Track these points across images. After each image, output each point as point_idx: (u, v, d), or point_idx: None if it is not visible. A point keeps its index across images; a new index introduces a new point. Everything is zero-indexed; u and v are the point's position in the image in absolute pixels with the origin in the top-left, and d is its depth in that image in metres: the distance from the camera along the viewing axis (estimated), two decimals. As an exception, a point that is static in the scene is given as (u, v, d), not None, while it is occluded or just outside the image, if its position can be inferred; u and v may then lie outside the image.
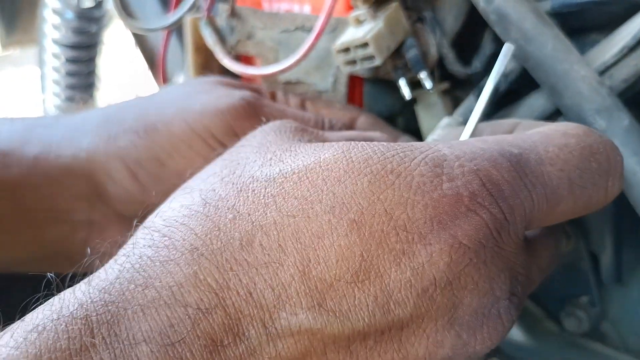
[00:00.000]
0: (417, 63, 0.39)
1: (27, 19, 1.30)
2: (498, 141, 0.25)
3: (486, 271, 0.22)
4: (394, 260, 0.21)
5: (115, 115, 0.39)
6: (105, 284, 0.21)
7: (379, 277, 0.20)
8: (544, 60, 0.37)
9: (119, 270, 0.22)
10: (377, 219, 0.21)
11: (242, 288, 0.20)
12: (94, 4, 1.08)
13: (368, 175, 0.22)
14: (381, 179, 0.22)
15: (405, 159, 0.22)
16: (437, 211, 0.21)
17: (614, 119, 0.36)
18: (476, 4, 0.39)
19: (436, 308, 0.21)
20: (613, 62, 0.38)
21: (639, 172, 0.36)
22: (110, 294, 0.20)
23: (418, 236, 0.21)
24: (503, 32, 0.38)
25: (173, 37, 0.66)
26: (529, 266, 0.26)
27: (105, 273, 0.22)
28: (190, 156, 0.36)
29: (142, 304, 0.20)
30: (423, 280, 0.21)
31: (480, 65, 0.45)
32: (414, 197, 0.21)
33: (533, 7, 0.38)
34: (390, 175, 0.22)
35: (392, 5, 0.40)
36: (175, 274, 0.21)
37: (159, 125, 0.36)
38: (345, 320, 0.20)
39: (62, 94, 1.20)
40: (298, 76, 0.47)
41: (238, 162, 0.25)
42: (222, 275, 0.21)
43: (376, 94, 0.46)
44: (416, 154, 0.23)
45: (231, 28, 0.50)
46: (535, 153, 0.25)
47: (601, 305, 0.45)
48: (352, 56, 0.39)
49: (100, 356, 0.19)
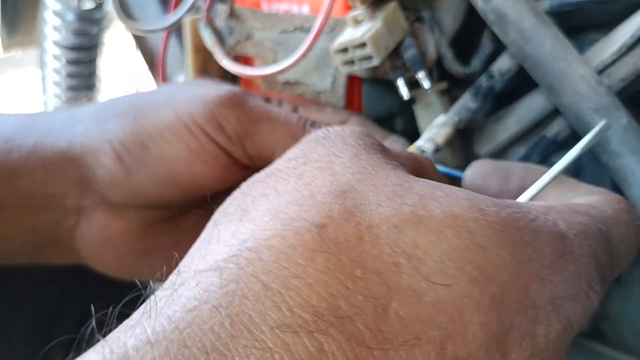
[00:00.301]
0: (415, 63, 0.40)
1: (28, 21, 1.31)
2: (590, 215, 0.25)
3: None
4: (520, 338, 0.20)
5: (110, 103, 0.40)
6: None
7: (504, 356, 0.20)
8: (542, 59, 0.37)
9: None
10: (515, 295, 0.20)
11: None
12: (94, 6, 1.09)
13: (510, 247, 0.20)
14: (522, 252, 0.20)
15: (536, 231, 0.22)
16: (561, 292, 0.21)
17: (612, 117, 0.36)
18: (474, 3, 0.39)
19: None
20: (612, 61, 0.38)
21: (637, 172, 0.36)
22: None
23: (543, 316, 0.21)
24: (501, 32, 0.38)
25: (172, 38, 0.66)
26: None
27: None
28: (173, 141, 0.37)
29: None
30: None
31: (479, 64, 0.45)
32: (544, 276, 0.21)
33: (531, 6, 0.37)
34: (528, 249, 0.21)
35: (390, 5, 0.40)
36: (296, 348, 0.16)
37: (147, 111, 0.37)
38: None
39: (63, 96, 1.20)
40: (297, 76, 0.47)
41: (344, 191, 0.20)
42: (353, 351, 0.17)
43: (375, 94, 0.46)
44: (544, 226, 0.22)
45: (230, 29, 0.50)
46: (615, 232, 0.26)
47: (601, 305, 0.45)
48: (350, 56, 0.39)
49: None
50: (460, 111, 0.42)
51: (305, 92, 0.47)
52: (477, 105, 0.42)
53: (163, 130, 0.37)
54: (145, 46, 0.90)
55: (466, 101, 0.42)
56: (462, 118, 0.42)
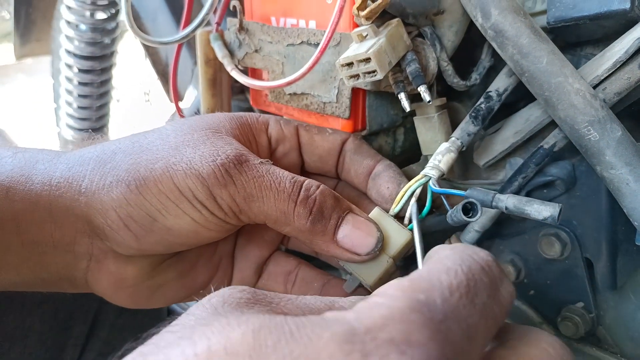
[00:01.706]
0: (417, 77, 0.41)
1: (41, 30, 1.33)
2: (405, 292, 0.24)
3: None
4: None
5: (110, 160, 0.40)
6: None
7: None
8: (539, 73, 0.38)
9: None
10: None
11: None
12: (107, 16, 1.11)
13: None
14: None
15: (313, 339, 0.21)
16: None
17: (607, 130, 0.37)
18: (475, 20, 0.41)
19: None
20: (606, 76, 0.39)
21: (631, 182, 0.37)
22: None
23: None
24: (500, 47, 0.40)
25: (183, 49, 0.68)
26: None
27: None
28: (178, 215, 0.39)
29: None
30: None
31: (478, 78, 0.47)
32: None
33: (529, 23, 0.39)
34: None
35: (394, 22, 0.41)
36: None
37: (149, 181, 0.38)
38: None
39: (75, 103, 1.22)
40: (303, 88, 0.48)
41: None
42: None
43: (378, 106, 0.48)
44: (324, 332, 0.21)
45: (239, 42, 0.52)
46: (439, 292, 0.24)
47: (597, 311, 0.46)
48: (355, 70, 0.41)
49: None
50: (462, 135, 0.43)
51: (311, 103, 0.48)
52: (478, 127, 0.43)
53: (167, 203, 0.38)
54: (156, 56, 0.92)
55: (467, 125, 0.43)
56: (464, 141, 0.43)
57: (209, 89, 0.57)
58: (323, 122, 0.49)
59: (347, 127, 0.47)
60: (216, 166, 0.38)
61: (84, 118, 1.24)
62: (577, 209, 0.44)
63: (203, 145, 0.40)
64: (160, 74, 0.93)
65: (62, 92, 1.25)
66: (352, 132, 0.47)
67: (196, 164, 0.38)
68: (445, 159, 0.42)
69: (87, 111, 1.23)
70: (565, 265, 0.46)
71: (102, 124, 1.31)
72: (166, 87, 0.93)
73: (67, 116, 1.27)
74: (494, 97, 0.44)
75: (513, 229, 0.48)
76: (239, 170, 0.39)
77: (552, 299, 0.47)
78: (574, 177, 0.43)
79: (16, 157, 0.41)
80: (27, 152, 0.42)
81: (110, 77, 1.24)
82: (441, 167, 0.42)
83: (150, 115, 1.50)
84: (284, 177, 0.39)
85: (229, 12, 0.53)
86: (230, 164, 0.38)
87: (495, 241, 0.50)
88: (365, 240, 0.39)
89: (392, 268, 0.41)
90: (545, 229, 0.46)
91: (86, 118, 1.25)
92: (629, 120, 0.43)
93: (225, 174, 0.38)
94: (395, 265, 0.41)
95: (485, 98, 0.44)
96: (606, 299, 0.46)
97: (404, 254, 0.42)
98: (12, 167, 0.40)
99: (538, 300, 0.49)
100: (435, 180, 0.41)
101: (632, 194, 0.37)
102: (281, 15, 0.49)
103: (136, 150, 0.40)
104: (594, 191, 0.43)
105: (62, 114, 1.29)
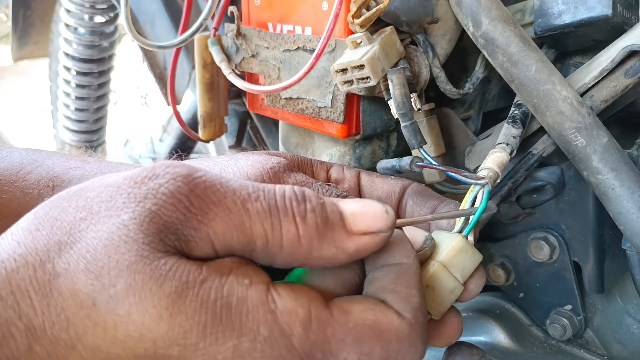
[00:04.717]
0: (408, 84, 0.42)
1: (39, 33, 1.34)
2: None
3: None
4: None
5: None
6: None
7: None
8: (528, 81, 0.39)
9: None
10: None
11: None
12: (105, 20, 1.12)
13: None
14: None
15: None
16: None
17: (593, 136, 0.38)
18: (466, 28, 0.42)
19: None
20: (593, 84, 0.41)
21: (617, 187, 0.38)
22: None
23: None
24: (490, 55, 0.41)
25: (181, 54, 0.69)
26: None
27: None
28: None
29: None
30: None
31: (472, 87, 0.48)
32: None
33: (519, 32, 0.40)
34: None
35: (387, 29, 0.42)
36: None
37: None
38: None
39: (72, 106, 1.23)
40: (299, 93, 0.49)
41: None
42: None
43: (372, 111, 0.48)
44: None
45: (237, 47, 0.53)
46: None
47: (585, 313, 0.47)
48: (349, 76, 0.42)
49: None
50: (508, 139, 0.42)
51: (306, 107, 0.49)
52: (520, 130, 0.42)
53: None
54: (154, 60, 0.93)
55: (508, 130, 0.42)
56: (511, 143, 0.41)
57: (206, 93, 0.58)
58: (318, 126, 0.50)
59: (341, 132, 0.48)
60: (265, 170, 0.38)
61: (81, 120, 1.25)
62: (566, 214, 0.45)
63: (258, 155, 0.40)
64: (157, 78, 0.94)
65: (59, 95, 1.25)
66: (346, 136, 0.48)
67: (245, 168, 0.38)
68: (494, 159, 0.39)
69: (84, 113, 1.24)
70: (553, 268, 0.47)
71: (99, 127, 1.31)
72: (164, 90, 0.94)
73: (64, 118, 1.28)
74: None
75: (503, 232, 0.49)
76: (287, 175, 0.39)
77: (541, 301, 0.48)
78: (562, 182, 0.44)
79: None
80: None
81: (108, 80, 1.24)
82: (494, 168, 0.39)
83: (147, 118, 1.51)
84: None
85: (227, 18, 0.54)
86: (281, 168, 0.39)
87: (486, 244, 0.50)
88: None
89: (444, 274, 0.34)
90: (535, 233, 0.47)
91: (83, 120, 1.25)
92: (616, 127, 0.44)
93: (273, 176, 0.38)
94: (450, 273, 0.34)
95: (516, 105, 0.44)
96: (594, 302, 0.47)
97: (464, 266, 0.35)
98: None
99: (527, 302, 0.50)
100: (490, 184, 0.37)
101: (618, 199, 0.38)
102: (278, 21, 0.50)
103: (204, 160, 0.41)
104: (581, 196, 0.44)
105: (60, 116, 1.29)
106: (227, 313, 0.24)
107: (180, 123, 0.64)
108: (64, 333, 0.23)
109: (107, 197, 0.26)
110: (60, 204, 0.26)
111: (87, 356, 0.24)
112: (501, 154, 0.39)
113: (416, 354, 0.27)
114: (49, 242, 0.25)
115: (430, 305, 0.33)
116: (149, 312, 0.23)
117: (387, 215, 0.29)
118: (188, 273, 0.24)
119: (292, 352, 0.25)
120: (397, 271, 0.29)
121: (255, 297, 0.25)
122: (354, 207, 0.29)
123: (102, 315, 0.23)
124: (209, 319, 0.24)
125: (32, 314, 0.23)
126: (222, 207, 0.26)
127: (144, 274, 0.24)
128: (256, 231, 0.26)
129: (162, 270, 0.24)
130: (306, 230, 0.27)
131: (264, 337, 0.24)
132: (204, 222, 0.25)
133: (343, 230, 0.28)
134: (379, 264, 0.30)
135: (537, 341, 0.48)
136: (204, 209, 0.26)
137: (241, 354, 0.24)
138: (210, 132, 0.60)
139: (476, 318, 0.51)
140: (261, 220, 0.26)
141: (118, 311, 0.23)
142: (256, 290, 0.25)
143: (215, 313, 0.24)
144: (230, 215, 0.26)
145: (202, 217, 0.25)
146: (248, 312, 0.25)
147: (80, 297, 0.23)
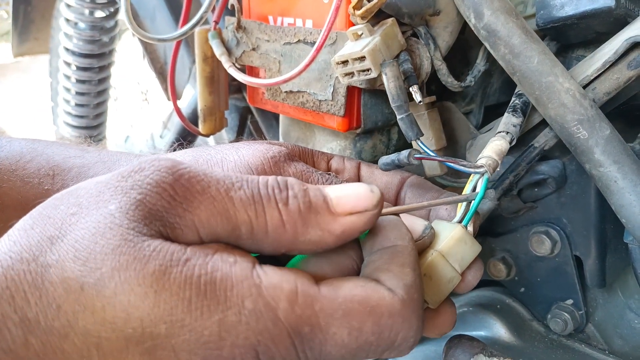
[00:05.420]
0: (409, 77, 0.42)
1: (39, 29, 1.34)
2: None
3: None
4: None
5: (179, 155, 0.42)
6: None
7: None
8: (530, 73, 0.39)
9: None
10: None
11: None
12: (106, 15, 1.12)
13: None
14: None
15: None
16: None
17: (595, 129, 0.38)
18: (468, 20, 0.41)
19: None
20: (596, 76, 0.40)
21: (619, 180, 0.38)
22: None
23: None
24: (492, 47, 0.40)
25: (181, 48, 0.69)
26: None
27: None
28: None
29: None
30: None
31: (473, 80, 0.47)
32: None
33: (521, 23, 0.40)
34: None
35: (389, 21, 0.42)
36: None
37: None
38: None
39: (72, 101, 1.23)
40: (299, 86, 0.49)
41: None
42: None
43: (373, 104, 0.48)
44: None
45: (237, 40, 0.53)
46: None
47: (586, 308, 0.47)
48: (350, 68, 0.42)
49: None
50: (508, 127, 0.41)
51: (307, 101, 0.49)
52: (521, 119, 0.42)
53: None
54: (154, 54, 0.93)
55: (508, 119, 0.41)
56: (511, 132, 0.41)
57: (206, 87, 0.58)
58: (319, 119, 0.50)
59: (342, 125, 0.48)
60: (266, 159, 0.39)
61: (82, 116, 1.25)
62: (568, 207, 0.45)
63: (259, 144, 0.41)
64: (158, 73, 0.93)
65: (60, 90, 1.25)
66: (347, 129, 0.48)
67: (246, 157, 0.39)
68: (493, 148, 0.39)
69: (84, 109, 1.24)
70: (555, 263, 0.46)
71: (100, 122, 1.31)
72: (164, 85, 0.94)
73: (64, 114, 1.28)
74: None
75: (505, 227, 0.49)
76: (288, 165, 0.39)
77: (542, 296, 0.48)
78: (564, 175, 0.44)
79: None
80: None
81: (109, 76, 1.24)
82: (493, 157, 0.38)
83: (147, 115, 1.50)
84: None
85: (227, 11, 0.53)
86: (282, 158, 0.39)
87: (487, 239, 0.50)
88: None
89: (442, 263, 0.33)
90: (536, 227, 0.47)
91: (84, 116, 1.25)
92: (618, 121, 0.44)
93: (274, 165, 0.38)
94: (448, 263, 0.34)
95: (517, 95, 0.44)
96: (595, 297, 0.47)
97: (463, 256, 0.34)
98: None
99: (528, 297, 0.49)
100: (490, 172, 0.37)
101: (620, 192, 0.38)
102: (278, 14, 0.50)
103: (205, 149, 0.42)
104: (583, 190, 0.44)
105: (60, 112, 1.29)
106: (212, 288, 0.25)
107: (180, 117, 0.64)
108: (57, 321, 0.24)
109: (96, 193, 0.27)
110: (53, 203, 0.27)
111: (79, 343, 0.24)
112: (500, 142, 0.39)
113: (410, 330, 0.27)
114: (42, 237, 0.25)
115: (427, 294, 0.32)
116: (134, 290, 0.24)
117: (372, 194, 0.29)
118: (172, 252, 0.25)
119: (277, 325, 0.25)
120: (392, 252, 0.29)
121: (240, 272, 0.25)
122: (337, 190, 0.29)
123: (90, 298, 0.24)
124: (193, 294, 0.24)
125: (26, 306, 0.24)
126: (206, 196, 0.27)
127: (129, 255, 0.24)
128: (240, 218, 0.27)
129: (146, 251, 0.24)
130: (289, 215, 0.27)
131: (249, 310, 0.25)
132: (188, 210, 0.26)
133: (327, 212, 0.28)
134: (375, 248, 0.30)
135: (538, 336, 0.48)
136: (188, 197, 0.26)
137: (227, 328, 0.25)
138: (211, 126, 0.60)
139: (477, 313, 0.51)
140: (245, 208, 0.27)
141: (105, 292, 0.24)
142: (241, 267, 0.26)
143: (200, 288, 0.24)
144: (214, 203, 0.26)
145: (186, 205, 0.26)
146: (232, 286, 0.25)
147: (69, 283, 0.24)
